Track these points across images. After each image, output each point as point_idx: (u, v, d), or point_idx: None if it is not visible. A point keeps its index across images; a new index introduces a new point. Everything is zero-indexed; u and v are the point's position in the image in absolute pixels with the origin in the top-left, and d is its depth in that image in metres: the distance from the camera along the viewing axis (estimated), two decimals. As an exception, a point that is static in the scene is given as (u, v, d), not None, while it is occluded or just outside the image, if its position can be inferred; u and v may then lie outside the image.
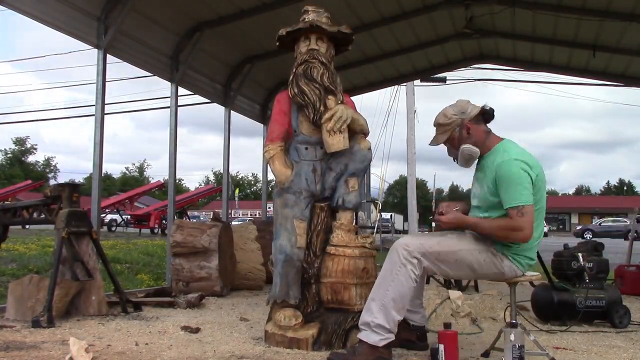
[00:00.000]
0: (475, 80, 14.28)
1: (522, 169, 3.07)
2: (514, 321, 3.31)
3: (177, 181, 8.63)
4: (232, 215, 26.38)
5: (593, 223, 44.36)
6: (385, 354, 3.12)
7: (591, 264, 4.71)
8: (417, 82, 15.58)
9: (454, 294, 5.12)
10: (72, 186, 4.79)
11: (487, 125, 3.35)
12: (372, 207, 21.73)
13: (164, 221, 22.38)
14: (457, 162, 3.33)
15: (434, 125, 3.35)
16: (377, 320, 3.08)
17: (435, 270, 3.17)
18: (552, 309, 4.61)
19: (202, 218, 34.06)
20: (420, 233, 3.60)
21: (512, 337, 3.12)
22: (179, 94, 7.23)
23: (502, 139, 3.32)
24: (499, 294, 5.55)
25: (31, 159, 68.30)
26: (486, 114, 3.31)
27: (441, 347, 3.06)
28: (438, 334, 3.16)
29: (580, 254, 4.69)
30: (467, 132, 3.26)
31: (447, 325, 3.19)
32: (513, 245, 3.16)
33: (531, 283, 4.75)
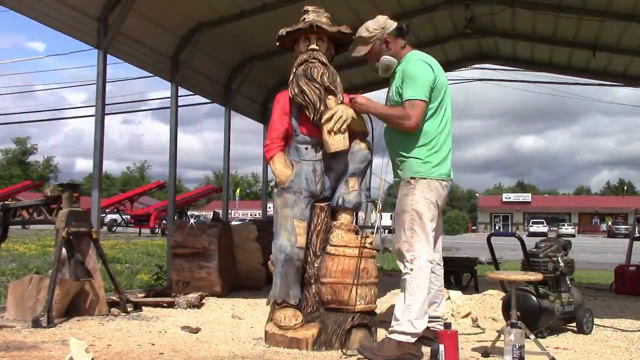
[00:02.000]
0: (475, 80, 14.26)
1: (424, 68, 3.45)
2: (514, 321, 3.31)
3: (178, 181, 8.65)
4: (232, 216, 26.40)
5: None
6: (413, 350, 3.27)
7: (567, 266, 4.39)
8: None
9: (454, 294, 5.13)
10: (72, 186, 4.79)
11: (402, 40, 3.66)
12: (372, 207, 21.75)
13: (163, 221, 22.40)
14: (378, 72, 3.65)
15: (357, 39, 3.66)
16: (410, 329, 3.25)
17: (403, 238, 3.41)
18: (536, 317, 4.08)
19: (202, 218, 33.98)
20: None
21: (512, 337, 3.12)
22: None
23: (413, 49, 3.66)
24: (499, 294, 5.54)
25: (31, 159, 68.34)
26: (402, 30, 3.65)
27: (441, 347, 3.07)
28: (438, 334, 3.16)
29: (559, 256, 4.36)
30: (387, 46, 3.60)
31: (447, 325, 3.19)
32: (414, 148, 3.43)
33: (503, 287, 4.30)
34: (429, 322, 3.41)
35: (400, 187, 3.49)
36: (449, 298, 5.02)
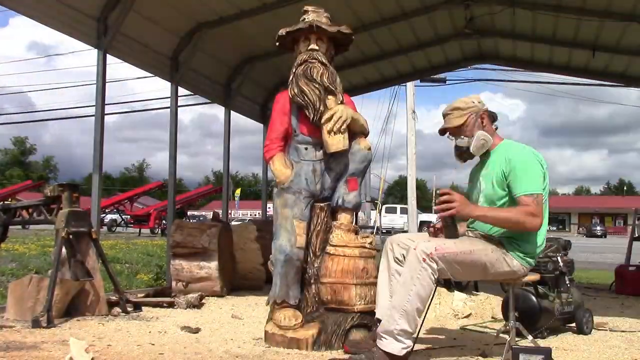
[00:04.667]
0: (475, 80, 14.29)
1: (537, 160, 3.16)
2: (513, 321, 3.31)
3: (178, 181, 8.63)
4: (232, 216, 26.39)
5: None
6: None
7: (567, 266, 4.38)
8: (417, 82, 15.59)
9: (457, 295, 5.12)
10: (71, 186, 4.79)
11: (493, 126, 3.41)
12: (372, 207, 21.74)
13: (163, 221, 22.40)
14: (469, 148, 3.29)
15: (450, 111, 3.35)
16: (399, 327, 2.97)
17: (449, 272, 3.07)
18: (536, 317, 4.07)
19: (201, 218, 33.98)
20: (417, 234, 3.55)
21: (511, 337, 3.12)
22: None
23: (503, 139, 3.39)
24: (499, 294, 5.55)
25: (31, 159, 68.31)
26: (494, 116, 3.42)
27: None
28: None
29: (558, 256, 4.34)
30: (482, 122, 3.32)
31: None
32: (521, 244, 3.16)
33: (502, 287, 4.28)
34: None
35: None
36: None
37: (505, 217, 3.09)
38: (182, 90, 7.65)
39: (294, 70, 3.81)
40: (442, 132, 3.42)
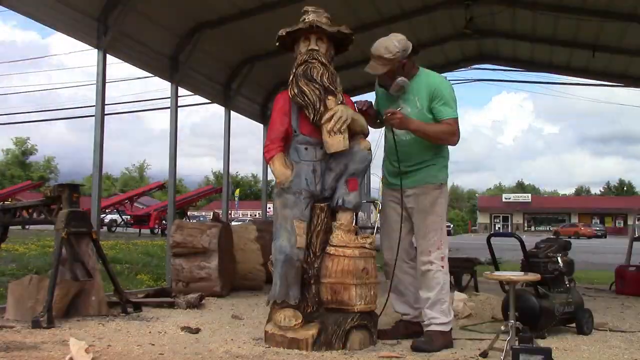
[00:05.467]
0: (475, 80, 14.28)
1: (452, 89, 3.86)
2: (512, 321, 3.31)
3: (178, 181, 8.64)
4: (232, 216, 26.39)
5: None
6: (450, 337, 3.76)
7: (567, 266, 4.38)
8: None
9: (458, 295, 5.12)
10: (71, 186, 4.79)
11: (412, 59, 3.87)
12: (372, 207, 21.71)
13: (163, 221, 22.39)
14: (389, 90, 3.85)
15: (375, 56, 3.81)
16: (448, 319, 3.76)
17: None
18: (536, 317, 4.07)
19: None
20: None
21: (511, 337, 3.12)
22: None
23: (419, 67, 3.94)
24: (499, 294, 5.54)
25: (31, 159, 68.25)
26: (416, 51, 3.89)
27: None
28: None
29: (558, 256, 4.35)
30: (403, 67, 3.80)
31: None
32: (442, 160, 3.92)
33: (502, 287, 4.20)
34: (417, 316, 3.94)
35: (426, 191, 3.84)
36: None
37: (436, 130, 3.76)
38: (181, 90, 7.65)
39: (294, 71, 3.81)
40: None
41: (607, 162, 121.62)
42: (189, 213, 27.92)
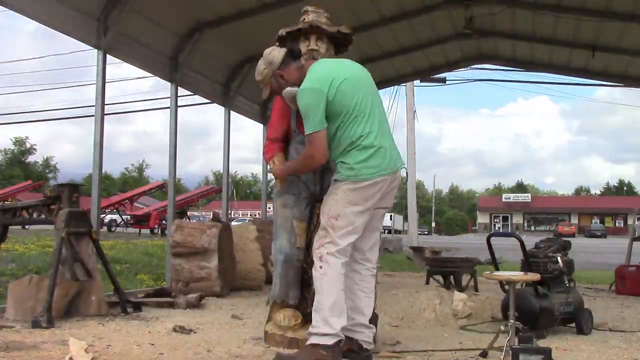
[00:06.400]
0: (475, 80, 14.31)
1: (310, 96, 3.12)
2: (512, 321, 3.31)
3: (177, 181, 8.65)
4: (232, 216, 26.38)
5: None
6: (327, 356, 3.04)
7: (567, 266, 4.38)
8: (416, 82, 15.59)
9: (457, 295, 5.12)
10: (71, 186, 4.79)
11: (298, 60, 3.40)
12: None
13: (163, 221, 22.37)
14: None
15: (258, 80, 3.41)
16: (323, 330, 3.11)
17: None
18: (535, 317, 4.07)
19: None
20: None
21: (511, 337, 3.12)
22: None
23: (312, 64, 3.37)
24: (499, 294, 5.54)
25: (30, 159, 68.26)
26: (293, 53, 3.40)
27: None
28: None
29: (558, 256, 4.35)
30: (282, 78, 3.33)
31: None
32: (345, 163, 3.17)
33: (502, 287, 4.21)
34: (354, 331, 3.26)
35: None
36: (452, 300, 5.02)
37: (299, 162, 3.38)
38: (182, 90, 7.65)
39: (294, 71, 3.80)
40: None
41: (607, 163, 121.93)
42: (188, 213, 27.89)
